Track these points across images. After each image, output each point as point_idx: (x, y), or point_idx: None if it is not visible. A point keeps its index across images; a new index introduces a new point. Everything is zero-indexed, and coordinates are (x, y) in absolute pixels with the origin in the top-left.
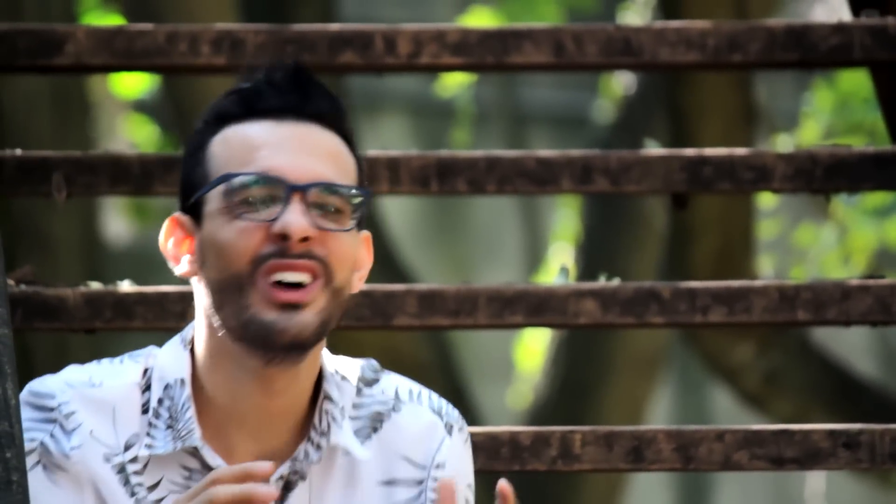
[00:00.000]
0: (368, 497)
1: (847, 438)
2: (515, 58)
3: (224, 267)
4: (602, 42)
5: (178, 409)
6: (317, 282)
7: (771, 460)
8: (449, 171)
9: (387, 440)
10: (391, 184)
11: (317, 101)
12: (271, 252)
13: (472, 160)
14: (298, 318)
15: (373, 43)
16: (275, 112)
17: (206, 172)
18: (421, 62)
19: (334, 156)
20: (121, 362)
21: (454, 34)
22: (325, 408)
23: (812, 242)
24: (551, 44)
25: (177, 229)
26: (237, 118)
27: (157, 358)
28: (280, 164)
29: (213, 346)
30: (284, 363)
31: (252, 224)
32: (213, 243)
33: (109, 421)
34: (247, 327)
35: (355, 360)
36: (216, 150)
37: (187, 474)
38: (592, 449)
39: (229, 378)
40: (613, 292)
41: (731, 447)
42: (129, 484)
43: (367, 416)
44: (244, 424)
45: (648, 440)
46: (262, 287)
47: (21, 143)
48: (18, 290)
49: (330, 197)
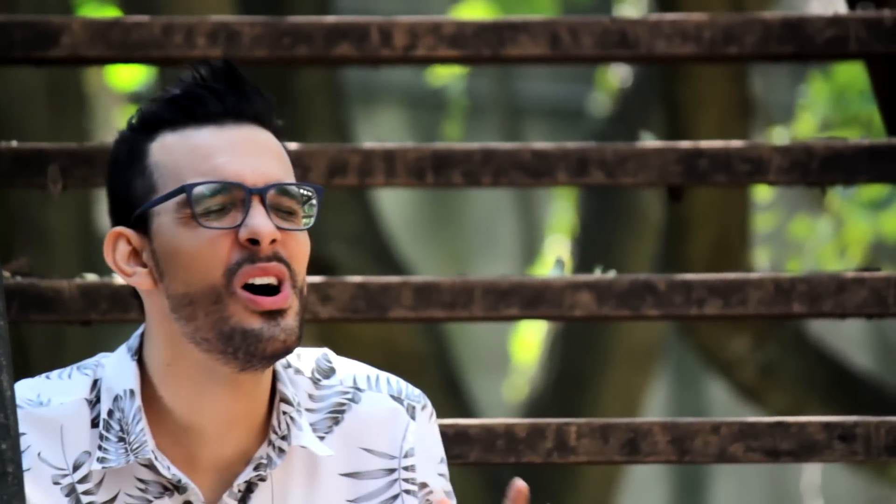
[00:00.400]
0: (332, 489)
1: (843, 431)
2: (511, 50)
3: (194, 279)
4: (598, 34)
5: (128, 422)
6: (285, 284)
7: (766, 453)
8: (445, 163)
9: (349, 432)
10: (387, 176)
11: (253, 101)
12: (242, 258)
13: (467, 152)
14: (283, 324)
15: (369, 35)
16: (215, 117)
17: (150, 184)
18: (417, 55)
19: (278, 155)
20: (69, 376)
21: (450, 27)
22: (282, 409)
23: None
24: (547, 36)
25: (121, 242)
26: (173, 125)
27: (105, 368)
28: (237, 169)
29: (173, 356)
30: (260, 369)
31: (218, 233)
32: (177, 255)
33: (57, 441)
34: (230, 337)
35: (308, 350)
36: (158, 158)
37: (143, 486)
38: (588, 441)
39: (191, 386)
40: (609, 285)
41: (727, 439)
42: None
43: (327, 408)
44: (205, 432)
45: (644, 432)
46: (241, 297)
47: (17, 135)
48: (14, 282)
49: (284, 197)
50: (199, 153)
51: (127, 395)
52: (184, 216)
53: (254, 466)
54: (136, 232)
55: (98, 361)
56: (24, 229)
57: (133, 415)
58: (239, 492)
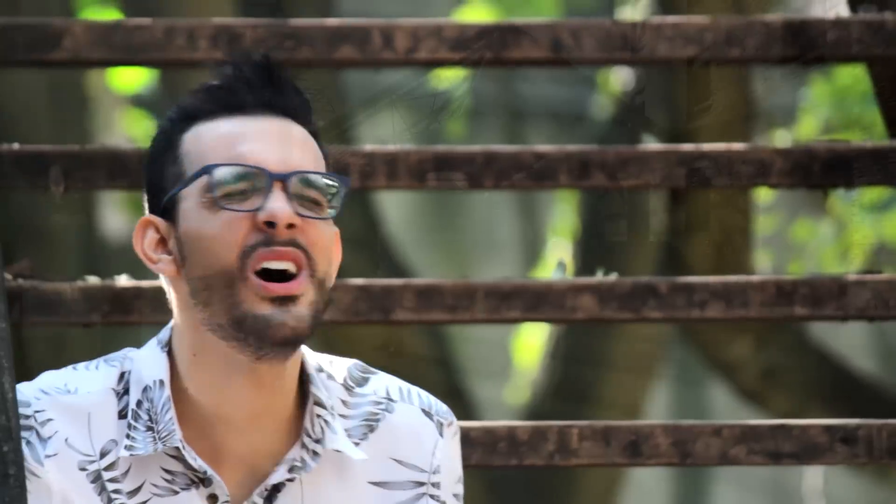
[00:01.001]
0: (361, 496)
1: (845, 433)
2: (513, 53)
3: (211, 262)
4: (600, 37)
5: (157, 411)
6: (303, 272)
7: (768, 455)
8: (446, 165)
9: (381, 442)
10: (389, 178)
11: (288, 96)
12: (257, 242)
13: (469, 155)
14: (294, 311)
15: (370, 38)
16: (247, 108)
17: (180, 171)
18: (419, 57)
19: (309, 147)
20: (96, 367)
21: (452, 29)
22: (316, 412)
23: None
24: (549, 39)
25: (150, 230)
26: (208, 115)
27: (135, 361)
28: (260, 155)
29: (197, 345)
30: (276, 358)
31: (236, 215)
32: (197, 239)
33: (85, 428)
34: (241, 323)
35: (340, 358)
36: (189, 147)
37: (169, 477)
38: (590, 444)
39: (215, 376)
40: (611, 287)
41: (729, 442)
42: (106, 491)
43: (361, 415)
44: (231, 424)
45: (646, 435)
46: (253, 282)
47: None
48: (16, 285)
49: (309, 187)
50: (226, 140)
51: (157, 385)
52: (206, 200)
53: (287, 468)
54: (164, 220)
55: (125, 355)
56: (26, 231)
57: (162, 404)
58: (266, 490)
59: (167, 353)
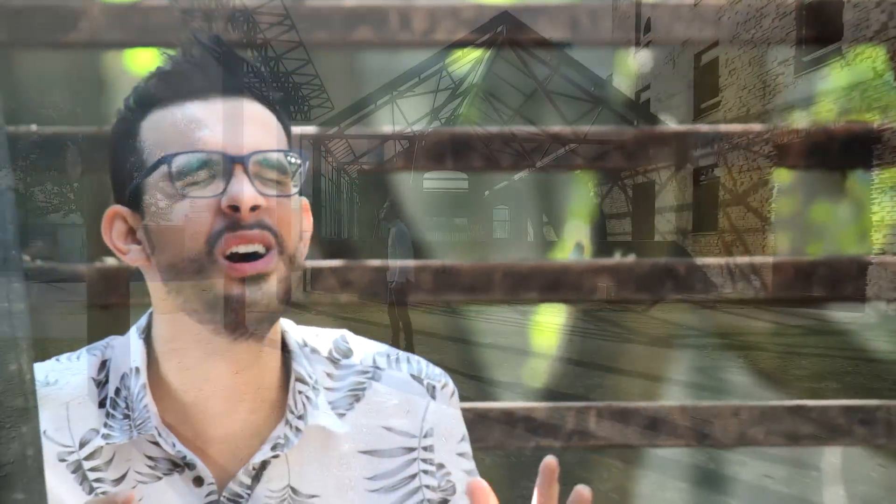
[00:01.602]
0: (350, 466)
1: (863, 415)
2: (530, 34)
3: (179, 251)
4: (617, 18)
5: (133, 398)
6: (272, 252)
7: (787, 436)
8: (464, 146)
9: (368, 410)
10: (406, 160)
11: (241, 75)
12: (223, 226)
13: (487, 136)
14: (265, 288)
15: (388, 19)
16: (201, 91)
17: (140, 161)
18: (436, 38)
19: (266, 125)
20: (77, 357)
21: (469, 10)
22: (298, 388)
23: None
24: (566, 20)
25: (118, 221)
26: (163, 102)
27: (115, 349)
28: (217, 139)
29: (173, 331)
30: (252, 338)
31: (200, 202)
32: (164, 229)
33: (63, 419)
34: (214, 306)
35: (327, 330)
36: (147, 136)
37: (152, 464)
38: (608, 424)
39: (193, 360)
40: (629, 269)
41: (747, 423)
42: (87, 481)
43: (347, 386)
44: (211, 407)
45: (664, 416)
46: (222, 265)
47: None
48: (34, 266)
49: (269, 166)
50: (183, 127)
51: (133, 372)
52: (168, 189)
53: (271, 446)
54: (130, 209)
55: (108, 343)
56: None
57: (137, 392)
58: (253, 469)
59: (145, 340)
